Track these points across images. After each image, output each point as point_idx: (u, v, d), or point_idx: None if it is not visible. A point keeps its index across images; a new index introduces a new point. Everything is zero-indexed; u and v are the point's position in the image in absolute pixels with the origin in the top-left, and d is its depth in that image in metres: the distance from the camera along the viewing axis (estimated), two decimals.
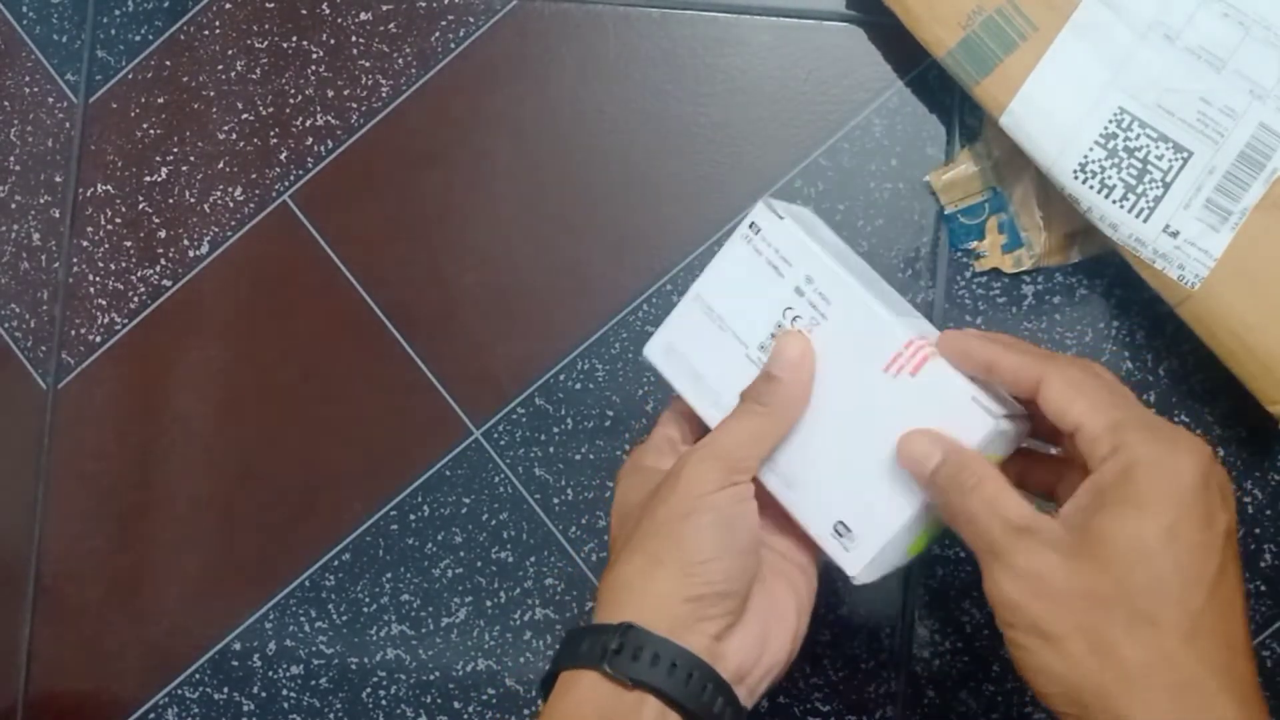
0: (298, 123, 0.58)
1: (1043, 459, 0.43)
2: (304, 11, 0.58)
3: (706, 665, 0.38)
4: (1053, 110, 0.48)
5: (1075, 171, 0.47)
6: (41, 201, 0.59)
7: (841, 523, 0.40)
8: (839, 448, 0.40)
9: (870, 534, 0.39)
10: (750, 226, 0.42)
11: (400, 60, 0.58)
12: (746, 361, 0.42)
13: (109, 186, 0.59)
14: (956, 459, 0.37)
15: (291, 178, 0.58)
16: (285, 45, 0.58)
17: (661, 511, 0.39)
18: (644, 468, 0.43)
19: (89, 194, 0.59)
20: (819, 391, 0.40)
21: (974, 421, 0.38)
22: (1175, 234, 0.47)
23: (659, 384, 0.55)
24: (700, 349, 0.43)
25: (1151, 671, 0.33)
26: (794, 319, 0.41)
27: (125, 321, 0.59)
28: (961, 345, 0.39)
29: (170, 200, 0.59)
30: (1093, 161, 0.47)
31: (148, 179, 0.59)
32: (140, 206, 0.59)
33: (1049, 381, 0.37)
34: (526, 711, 0.55)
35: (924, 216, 0.55)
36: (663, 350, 0.44)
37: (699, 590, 0.38)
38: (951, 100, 0.55)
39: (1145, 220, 0.47)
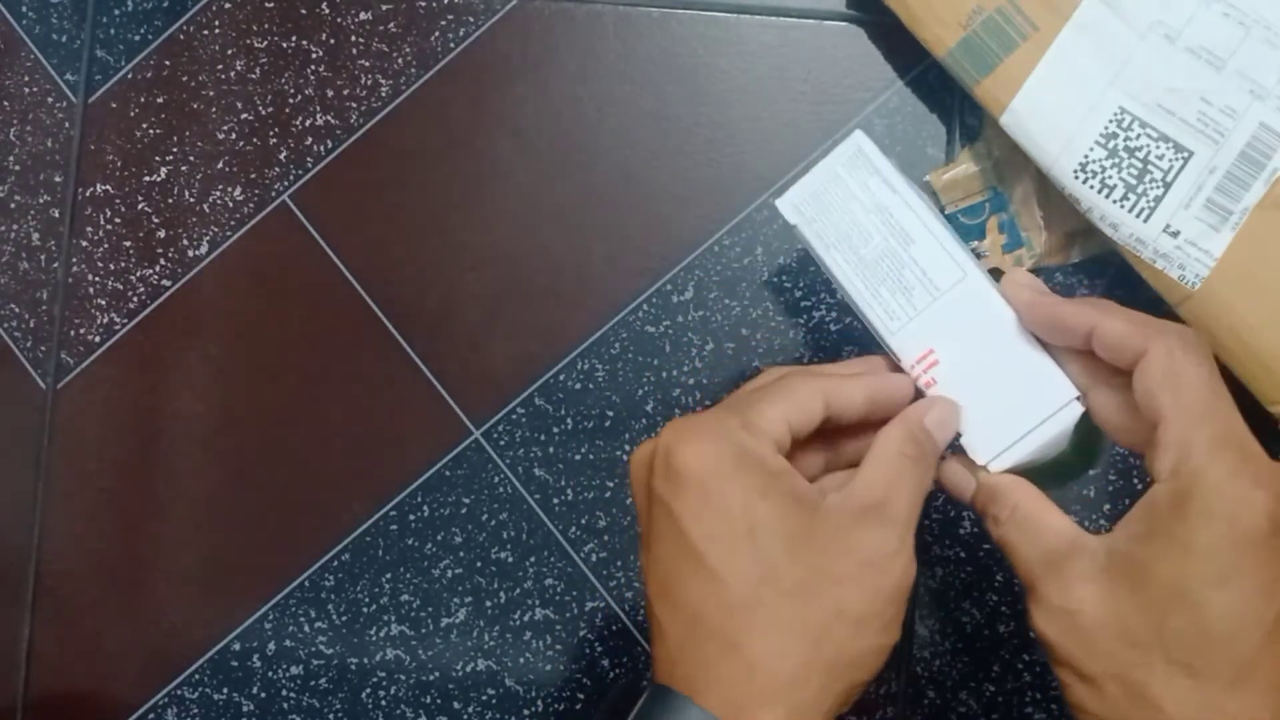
0: (297, 122, 0.58)
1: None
2: (303, 11, 0.58)
3: None
4: (1053, 110, 0.48)
5: (1076, 171, 0.47)
6: (41, 201, 0.59)
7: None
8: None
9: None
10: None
11: (400, 60, 0.58)
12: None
13: (108, 186, 0.59)
14: (988, 490, 0.35)
15: (291, 177, 0.58)
16: (285, 45, 0.58)
17: (848, 599, 0.31)
18: (760, 466, 0.33)
19: (88, 194, 0.59)
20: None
21: (1069, 416, 0.37)
22: (1176, 234, 0.47)
23: (659, 384, 0.55)
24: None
25: None
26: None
27: (125, 321, 0.59)
28: (1054, 314, 0.35)
29: (170, 200, 0.59)
30: (1093, 161, 0.47)
31: (147, 179, 0.59)
32: (140, 206, 0.59)
33: (1150, 359, 0.33)
34: (526, 712, 0.55)
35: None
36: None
37: (841, 712, 0.32)
38: (952, 100, 0.55)
39: (1146, 220, 0.47)
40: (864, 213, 0.40)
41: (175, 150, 0.59)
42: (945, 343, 0.39)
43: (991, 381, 0.38)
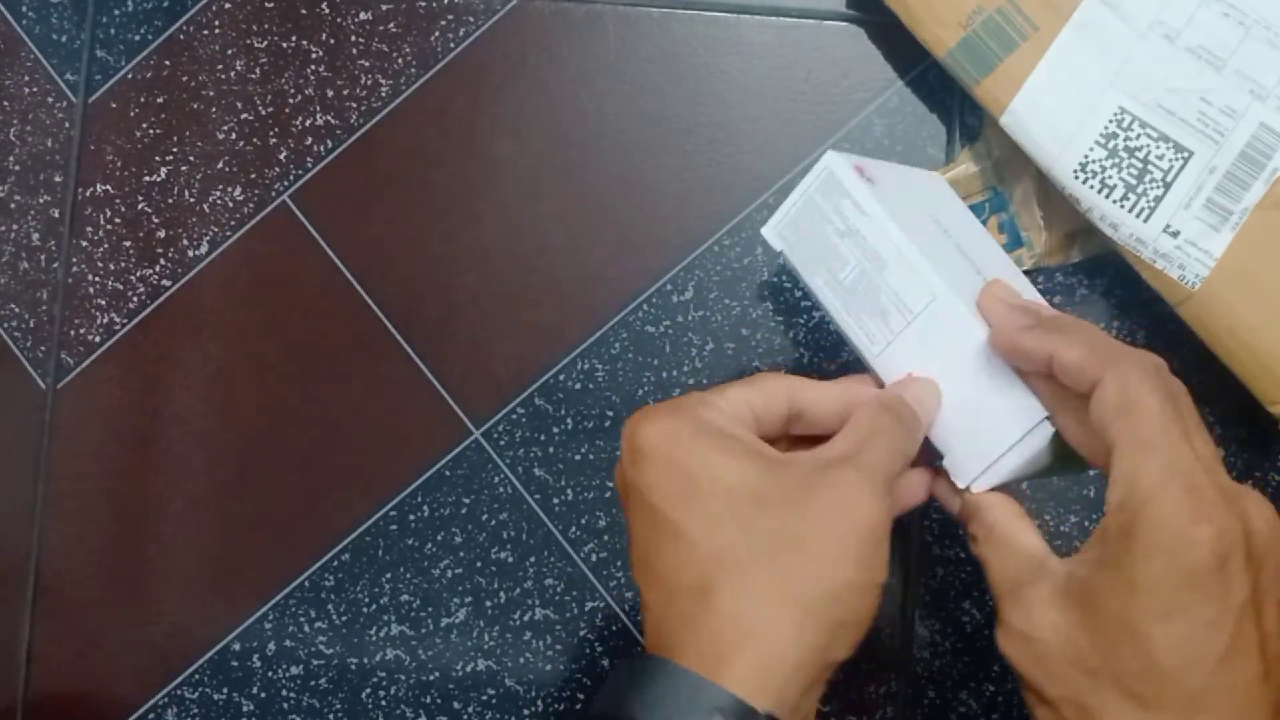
0: (297, 122, 0.58)
1: None
2: (303, 11, 0.58)
3: None
4: (1053, 110, 0.48)
5: (1076, 171, 0.47)
6: (41, 201, 0.59)
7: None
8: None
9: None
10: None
11: (400, 60, 0.58)
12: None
13: (108, 186, 0.59)
14: (970, 508, 0.36)
15: (291, 177, 0.58)
16: (285, 45, 0.58)
17: (819, 546, 0.31)
18: (720, 427, 0.33)
19: (88, 194, 0.59)
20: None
21: (1039, 439, 0.37)
22: (1176, 234, 0.47)
23: (659, 384, 0.55)
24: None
25: None
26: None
27: (125, 321, 0.59)
28: (1013, 343, 0.35)
29: (170, 200, 0.59)
30: (1093, 161, 0.47)
31: (147, 179, 0.59)
32: (140, 206, 0.59)
33: (1104, 388, 0.33)
34: (526, 712, 0.55)
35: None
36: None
37: (837, 657, 0.32)
38: (952, 100, 0.55)
39: (1146, 220, 0.47)
40: (838, 237, 0.40)
41: (175, 150, 0.59)
42: (922, 366, 0.39)
43: (967, 404, 0.38)
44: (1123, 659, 0.31)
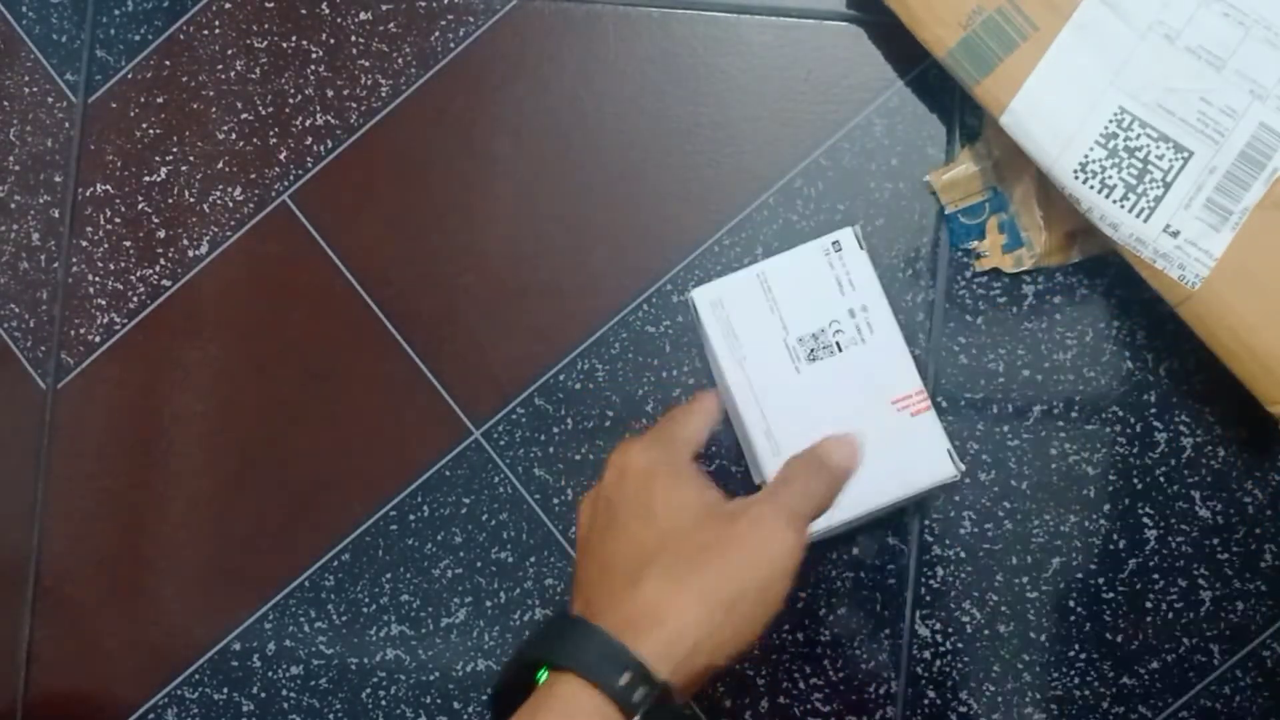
0: (297, 122, 0.58)
1: None
2: (303, 11, 0.58)
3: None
4: (1053, 110, 0.48)
5: (1076, 171, 0.47)
6: (41, 201, 0.59)
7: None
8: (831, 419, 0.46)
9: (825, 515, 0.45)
10: (834, 245, 0.48)
11: (400, 60, 0.58)
12: (781, 344, 0.47)
13: (108, 186, 0.59)
14: None
15: (291, 177, 0.58)
16: (285, 45, 0.58)
17: (735, 557, 0.38)
18: (688, 467, 0.41)
19: (88, 194, 0.59)
20: (835, 391, 0.46)
21: (943, 467, 0.46)
22: (1176, 234, 0.47)
23: (659, 384, 0.55)
24: (745, 315, 0.47)
25: None
26: (837, 332, 0.47)
27: (125, 321, 0.59)
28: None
29: (170, 200, 0.59)
30: (1093, 161, 0.47)
31: (147, 179, 0.59)
32: (140, 206, 0.59)
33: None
34: None
35: (924, 216, 0.55)
36: (710, 302, 0.48)
37: (727, 659, 0.38)
38: (952, 100, 0.55)
39: (1146, 220, 0.47)
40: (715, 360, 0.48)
41: (175, 150, 0.59)
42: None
43: None
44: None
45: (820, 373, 0.47)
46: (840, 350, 0.47)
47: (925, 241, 0.55)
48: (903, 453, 0.46)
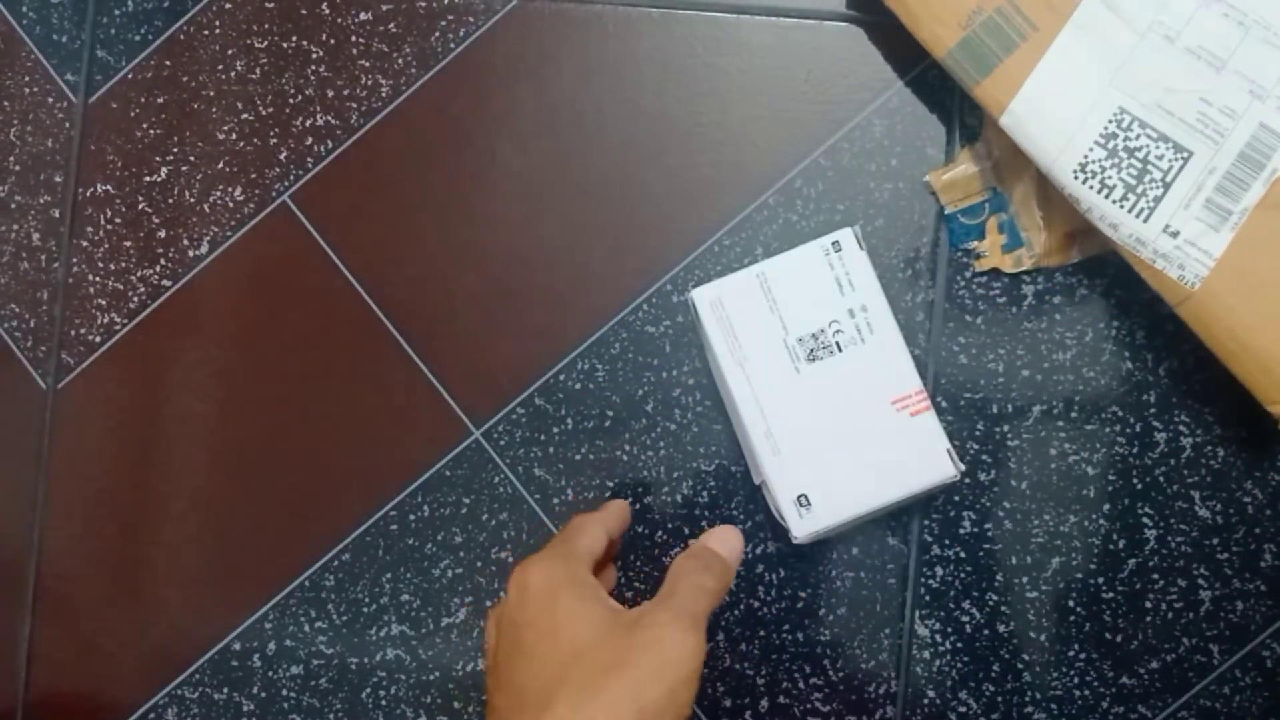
0: (297, 123, 0.58)
1: None
2: (304, 11, 0.58)
3: None
4: (1053, 110, 0.48)
5: (1075, 171, 0.47)
6: (41, 201, 0.59)
7: (805, 496, 0.46)
8: (831, 439, 0.47)
9: (825, 513, 0.46)
10: (833, 245, 0.48)
11: (400, 60, 0.58)
12: (781, 345, 0.47)
13: (109, 186, 0.59)
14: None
15: (291, 178, 0.58)
16: (285, 45, 0.58)
17: (637, 674, 0.39)
18: (587, 581, 0.43)
19: (89, 194, 0.59)
20: (835, 391, 0.47)
21: (942, 467, 0.46)
22: (1175, 234, 0.47)
23: (659, 384, 0.55)
24: (745, 315, 0.48)
25: None
26: (836, 332, 0.47)
27: (125, 322, 0.59)
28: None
29: (170, 200, 0.59)
30: (1093, 161, 0.47)
31: (147, 179, 0.59)
32: (140, 206, 0.59)
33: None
34: None
35: (924, 216, 0.55)
36: (710, 302, 0.48)
37: None
38: (951, 100, 0.55)
39: (1145, 220, 0.47)
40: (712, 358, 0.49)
41: (176, 150, 0.59)
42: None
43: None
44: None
45: (820, 373, 0.47)
46: (840, 350, 0.47)
47: (925, 242, 0.55)
48: (902, 453, 0.46)
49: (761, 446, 0.47)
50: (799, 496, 0.47)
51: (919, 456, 0.46)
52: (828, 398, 0.47)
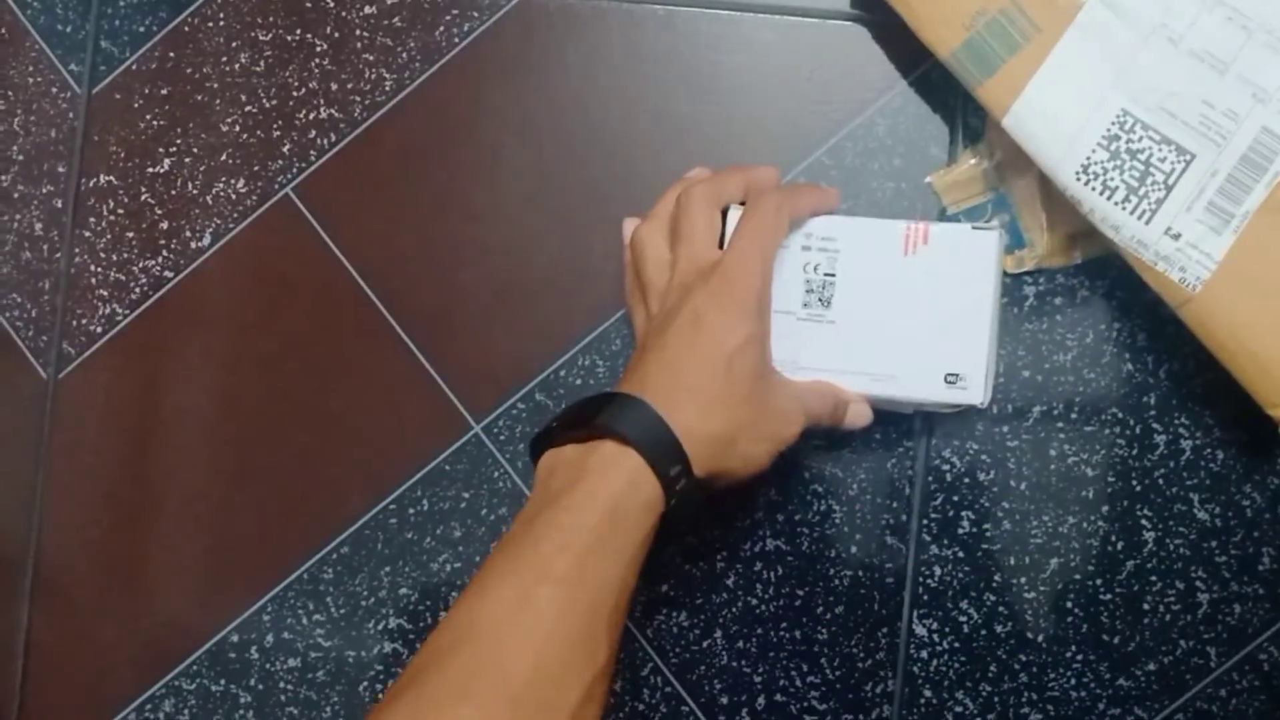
0: (301, 115, 0.58)
1: None
2: (308, 4, 0.58)
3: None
4: (1056, 112, 0.48)
5: (1078, 173, 0.48)
6: (44, 192, 0.59)
7: (949, 374, 0.47)
8: (906, 330, 0.47)
9: (973, 365, 0.47)
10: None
11: (404, 54, 0.58)
12: (798, 322, 0.48)
13: (112, 177, 0.59)
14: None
15: (294, 170, 0.58)
16: (289, 38, 0.58)
17: (740, 352, 0.44)
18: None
19: (91, 184, 0.59)
20: (868, 302, 0.47)
21: (987, 242, 0.47)
22: (1177, 236, 0.47)
23: None
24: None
25: None
26: (815, 267, 0.48)
27: (127, 312, 0.59)
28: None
29: (173, 192, 0.59)
30: (1095, 163, 0.47)
31: (150, 170, 0.59)
32: (143, 197, 0.59)
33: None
34: None
35: (926, 217, 0.55)
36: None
37: (746, 426, 0.44)
38: (954, 101, 0.55)
39: (1147, 222, 0.47)
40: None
41: (179, 142, 0.59)
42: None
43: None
44: None
45: (848, 299, 0.47)
46: (835, 278, 0.47)
47: None
48: (952, 269, 0.47)
49: (863, 384, 0.47)
50: (945, 379, 0.47)
51: (964, 256, 0.47)
52: (867, 308, 0.47)
